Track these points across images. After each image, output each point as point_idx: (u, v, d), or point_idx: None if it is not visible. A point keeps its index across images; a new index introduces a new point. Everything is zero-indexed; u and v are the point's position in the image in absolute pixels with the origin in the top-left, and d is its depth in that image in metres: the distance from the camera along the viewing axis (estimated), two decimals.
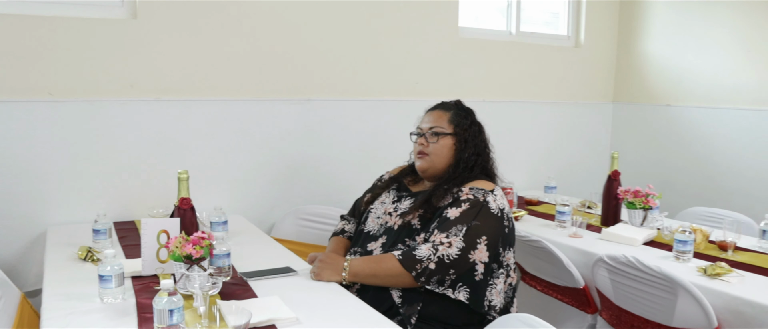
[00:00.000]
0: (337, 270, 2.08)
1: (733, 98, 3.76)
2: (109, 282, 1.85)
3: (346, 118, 3.42)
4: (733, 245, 2.51)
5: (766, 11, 3.60)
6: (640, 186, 2.87)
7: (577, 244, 2.67)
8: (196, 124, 3.05)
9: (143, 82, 2.91)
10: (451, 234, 2.06)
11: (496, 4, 4.04)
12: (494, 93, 3.91)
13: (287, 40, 3.21)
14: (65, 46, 2.75)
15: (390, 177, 2.51)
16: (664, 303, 2.17)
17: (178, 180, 2.07)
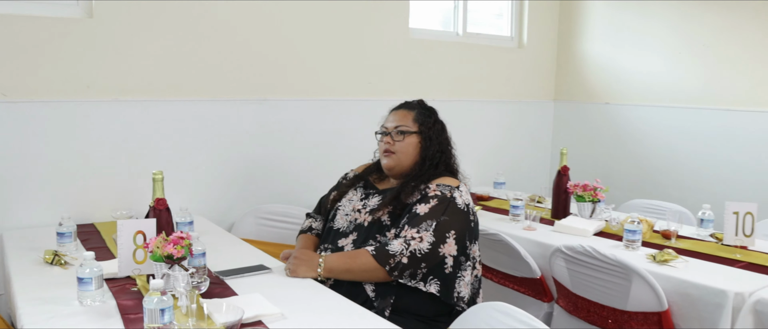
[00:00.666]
0: (313, 267, 2.13)
1: (668, 97, 4.02)
2: (89, 284, 1.84)
3: (302, 117, 3.46)
4: (675, 234, 2.70)
5: (698, 14, 3.86)
6: (580, 180, 3.04)
7: (532, 236, 2.81)
8: (154, 124, 3.02)
9: (100, 83, 2.87)
10: (421, 230, 2.14)
11: (444, 5, 4.16)
12: (443, 92, 4.02)
13: (243, 40, 3.22)
14: (18, 45, 2.68)
15: (355, 175, 2.57)
16: (619, 289, 2.32)
17: (153, 181, 2.07)
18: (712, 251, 2.54)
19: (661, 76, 4.05)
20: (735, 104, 3.70)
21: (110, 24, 2.87)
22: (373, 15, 3.65)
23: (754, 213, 2.54)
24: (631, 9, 4.20)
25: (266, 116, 3.32)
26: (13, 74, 2.68)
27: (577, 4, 4.49)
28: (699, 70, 3.87)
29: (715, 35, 3.78)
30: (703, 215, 2.80)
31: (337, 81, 3.57)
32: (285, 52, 3.36)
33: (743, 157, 3.68)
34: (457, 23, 4.15)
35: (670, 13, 3.99)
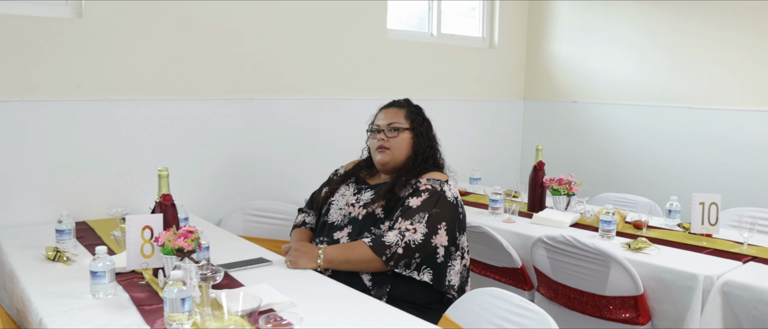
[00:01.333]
0: (313, 258, 2.22)
1: (633, 95, 4.23)
2: (103, 277, 1.90)
3: (285, 115, 3.54)
4: (646, 224, 2.88)
5: (660, 18, 4.07)
6: (548, 176, 3.21)
7: (511, 228, 2.95)
8: (143, 123, 3.07)
9: (91, 82, 2.90)
10: (415, 221, 2.26)
11: (418, 6, 4.28)
12: (419, 91, 4.15)
13: (229, 41, 3.29)
14: (10, 45, 2.70)
15: (346, 171, 2.67)
16: (598, 276, 2.48)
17: (159, 178, 2.14)
18: (681, 239, 2.73)
19: (626, 76, 4.27)
20: (695, 102, 3.93)
21: (99, 24, 2.90)
22: (352, 16, 3.76)
23: (718, 203, 2.73)
24: (597, 11, 4.41)
25: (251, 114, 3.40)
26: (5, 74, 2.70)
27: (546, 5, 4.68)
28: (661, 70, 4.09)
29: (676, 38, 4.01)
30: (670, 206, 2.99)
31: (318, 80, 3.67)
32: (270, 52, 3.44)
33: (703, 152, 3.91)
34: (432, 24, 4.28)
35: (635, 16, 4.20)
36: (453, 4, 4.45)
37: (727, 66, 3.82)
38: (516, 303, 1.93)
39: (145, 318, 1.74)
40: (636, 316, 2.42)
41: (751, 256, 2.48)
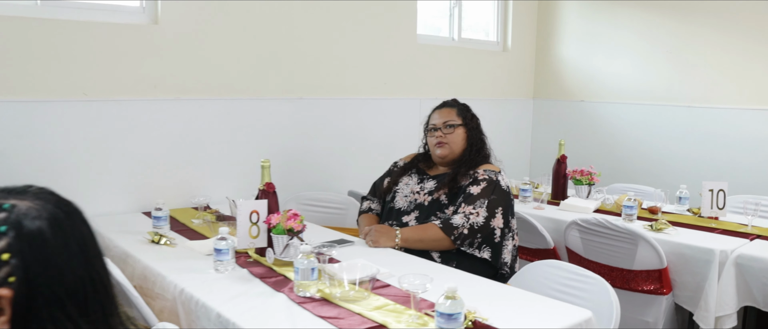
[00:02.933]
0: (392, 237, 2.56)
1: (636, 95, 4.65)
2: (227, 254, 2.21)
3: (331, 114, 3.88)
4: (659, 209, 3.28)
5: (662, 24, 4.49)
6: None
7: (542, 214, 3.33)
8: (209, 120, 3.37)
9: (165, 83, 3.20)
10: (477, 206, 2.62)
11: (441, 13, 4.64)
12: (443, 91, 4.50)
13: (283, 45, 3.61)
14: (97, 49, 2.99)
15: (405, 164, 3.01)
16: (626, 252, 2.86)
17: (261, 168, 2.46)
18: (693, 222, 3.13)
19: (630, 77, 4.69)
20: (694, 101, 4.36)
21: (172, 30, 3.20)
22: (387, 23, 4.10)
23: (725, 190, 3.14)
24: (603, 17, 4.82)
25: (301, 113, 3.72)
26: (92, 76, 2.99)
27: (554, 11, 5.08)
28: (663, 72, 4.52)
29: (676, 42, 4.43)
30: (680, 193, 3.40)
31: (358, 82, 4.00)
32: (317, 55, 3.77)
33: (701, 147, 4.34)
34: (453, 29, 4.64)
35: (638, 22, 4.62)
36: (471, 11, 4.81)
37: (724, 68, 4.25)
38: (574, 271, 2.30)
39: (273, 287, 2.06)
40: (660, 287, 2.81)
41: (756, 235, 2.89)
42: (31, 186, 1.01)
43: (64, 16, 2.94)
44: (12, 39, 2.80)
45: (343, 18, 3.86)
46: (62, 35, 2.90)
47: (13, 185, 1.01)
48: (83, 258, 0.96)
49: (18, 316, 0.90)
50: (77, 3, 3.00)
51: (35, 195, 0.98)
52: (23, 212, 0.93)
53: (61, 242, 0.94)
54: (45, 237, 0.92)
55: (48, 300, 0.91)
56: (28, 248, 0.91)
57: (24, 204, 0.94)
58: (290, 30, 3.63)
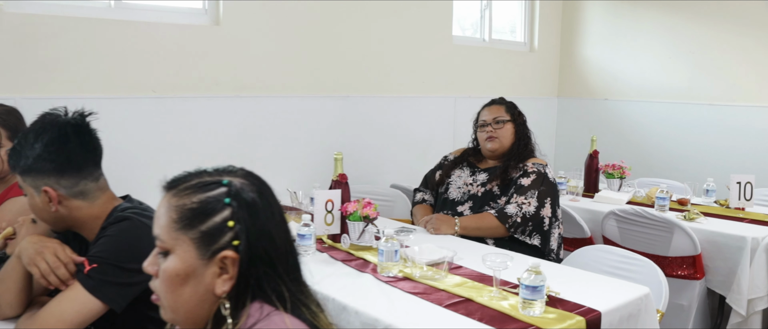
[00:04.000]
0: (451, 225, 2.77)
1: (660, 93, 4.87)
2: (309, 239, 2.41)
3: (374, 111, 4.10)
4: (688, 201, 3.49)
5: (683, 25, 4.71)
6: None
7: (578, 206, 3.54)
8: (264, 116, 3.57)
9: (225, 81, 3.40)
10: (528, 196, 2.83)
11: (472, 15, 4.86)
12: (475, 89, 4.72)
13: (331, 46, 3.81)
14: (163, 49, 3.18)
15: (455, 158, 3.22)
16: (662, 240, 3.07)
17: (335, 161, 2.67)
18: (721, 212, 3.35)
19: (653, 76, 4.91)
20: (714, 100, 4.59)
21: (232, 31, 3.40)
22: (425, 24, 4.32)
23: (752, 182, 3.36)
24: (626, 17, 5.04)
25: (347, 110, 3.93)
26: (160, 74, 3.19)
27: (579, 12, 5.30)
28: (684, 71, 4.74)
29: (698, 42, 4.65)
30: (707, 186, 3.62)
31: (398, 80, 4.22)
32: (362, 56, 3.97)
33: (721, 143, 4.57)
34: (484, 31, 4.85)
35: (660, 22, 4.84)
36: (500, 13, 5.03)
37: (744, 66, 4.46)
38: (623, 254, 2.52)
39: (356, 269, 2.25)
40: (693, 272, 3.03)
41: None
42: (233, 167, 1.21)
43: (134, 18, 3.13)
44: (88, 39, 2.99)
45: (386, 20, 4.07)
46: (133, 35, 3.10)
47: (219, 166, 1.21)
48: (284, 226, 1.16)
49: (240, 275, 1.09)
50: (146, 5, 3.20)
51: (241, 174, 1.18)
52: (239, 187, 1.13)
53: (269, 211, 1.14)
54: (258, 207, 1.12)
55: (263, 261, 1.11)
56: (247, 216, 1.10)
57: (237, 181, 1.14)
58: (337, 32, 3.83)
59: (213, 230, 1.09)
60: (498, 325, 1.76)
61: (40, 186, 1.60)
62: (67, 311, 1.53)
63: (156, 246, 1.14)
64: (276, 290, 1.11)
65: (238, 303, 1.10)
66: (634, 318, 2.02)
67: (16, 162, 1.60)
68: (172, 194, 1.15)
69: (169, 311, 1.13)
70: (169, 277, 1.10)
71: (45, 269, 1.60)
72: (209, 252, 1.09)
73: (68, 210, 1.63)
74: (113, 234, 1.60)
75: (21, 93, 2.81)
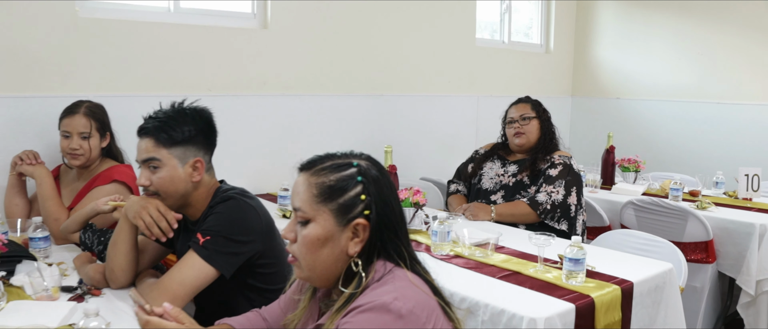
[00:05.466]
0: (488, 212, 3.05)
1: (670, 92, 5.15)
2: None
3: (405, 109, 4.38)
4: (699, 192, 3.77)
5: (695, 23, 4.99)
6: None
7: (597, 196, 3.81)
8: (307, 113, 3.85)
9: (272, 81, 3.67)
10: (556, 186, 3.10)
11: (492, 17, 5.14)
12: (495, 89, 5.00)
13: (366, 48, 4.09)
14: (217, 50, 3.46)
15: (485, 151, 3.49)
16: (677, 227, 3.35)
17: (385, 153, 2.96)
18: (730, 202, 3.63)
19: (663, 76, 5.19)
20: (721, 99, 4.87)
21: (280, 34, 3.67)
22: (451, 28, 4.60)
23: (759, 174, 3.65)
24: (638, 20, 5.33)
25: (381, 108, 4.21)
26: (215, 74, 3.46)
27: (592, 15, 5.59)
28: (693, 71, 5.02)
29: (706, 45, 4.94)
30: (717, 179, 3.90)
31: (426, 80, 4.50)
32: (393, 56, 4.26)
33: (728, 139, 4.85)
34: (504, 33, 5.13)
35: (671, 24, 5.13)
36: (518, 16, 5.31)
37: (750, 67, 4.74)
38: (645, 237, 2.80)
39: None
40: (706, 256, 3.30)
41: None
42: (355, 152, 1.47)
43: (191, 21, 3.40)
44: (150, 41, 3.26)
45: (416, 24, 4.35)
46: (189, 38, 3.37)
47: (343, 151, 1.47)
48: (398, 199, 1.43)
49: (369, 238, 1.35)
50: (201, 9, 3.47)
51: (363, 157, 1.44)
52: (366, 167, 1.39)
53: (388, 187, 1.40)
54: (381, 183, 1.38)
55: (387, 227, 1.37)
56: (375, 191, 1.36)
57: (363, 162, 1.40)
58: (372, 35, 4.12)
59: (348, 202, 1.34)
60: (547, 292, 2.04)
61: (189, 158, 1.90)
62: (187, 276, 1.80)
63: (295, 216, 1.39)
64: (397, 250, 1.37)
65: (367, 261, 1.35)
66: (660, 290, 2.29)
67: (167, 135, 1.88)
68: (309, 173, 1.39)
69: (306, 269, 1.37)
70: (310, 241, 1.34)
71: (149, 221, 1.89)
72: (345, 220, 1.34)
73: (197, 185, 1.92)
74: (222, 211, 1.87)
75: (93, 91, 3.07)
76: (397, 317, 1.21)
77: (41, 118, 2.95)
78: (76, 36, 3.04)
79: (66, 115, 2.69)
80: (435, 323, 1.28)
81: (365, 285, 1.32)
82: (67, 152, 2.65)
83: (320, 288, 1.46)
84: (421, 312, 1.25)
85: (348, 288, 1.34)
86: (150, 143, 1.88)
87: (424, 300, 1.29)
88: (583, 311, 1.97)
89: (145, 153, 1.89)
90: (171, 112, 1.93)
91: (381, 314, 1.22)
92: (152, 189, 1.90)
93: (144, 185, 1.91)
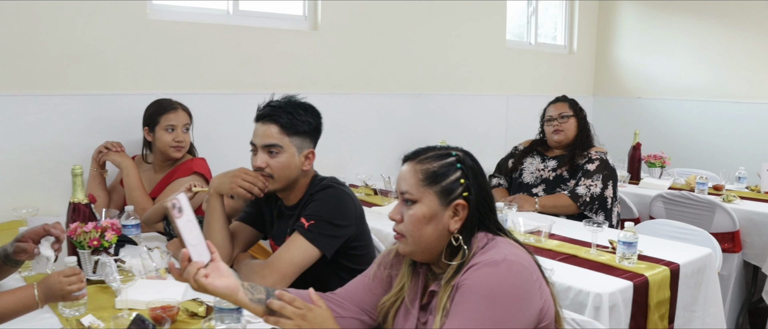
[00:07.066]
0: (532, 204, 3.27)
1: (690, 92, 5.38)
2: None
3: (440, 107, 4.61)
4: (723, 187, 3.99)
5: (715, 24, 5.22)
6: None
7: (625, 190, 4.03)
8: (353, 111, 4.07)
9: (322, 80, 3.89)
10: (594, 179, 3.32)
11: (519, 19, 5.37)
12: (523, 89, 5.24)
13: (407, 49, 4.32)
14: (272, 50, 3.68)
15: (524, 147, 3.71)
16: (705, 219, 3.56)
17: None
18: (753, 196, 3.85)
19: (683, 76, 5.42)
20: (740, 98, 5.10)
21: (328, 35, 3.90)
22: (483, 30, 4.83)
23: None
24: (658, 21, 5.56)
25: (420, 106, 4.44)
26: (270, 73, 3.68)
27: (613, 16, 5.82)
28: (713, 71, 5.26)
29: (724, 46, 5.17)
30: (739, 174, 4.13)
31: (461, 80, 4.73)
32: (431, 57, 4.48)
33: (746, 137, 5.07)
34: (530, 34, 5.36)
35: (691, 26, 5.36)
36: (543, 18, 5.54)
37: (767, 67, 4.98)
38: (680, 226, 3.02)
39: None
40: (732, 246, 3.52)
41: None
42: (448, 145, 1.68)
43: (248, 23, 3.62)
44: (211, 41, 3.48)
45: (451, 26, 4.58)
46: (247, 39, 3.59)
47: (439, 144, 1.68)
48: (488, 182, 1.65)
49: (468, 216, 1.57)
50: (257, 12, 3.69)
51: (458, 148, 1.65)
52: (463, 156, 1.61)
53: (481, 173, 1.62)
54: (476, 169, 1.60)
55: (482, 205, 1.58)
56: (472, 175, 1.58)
57: (460, 152, 1.62)
58: (412, 36, 4.34)
59: (450, 186, 1.56)
60: (605, 272, 2.26)
61: (305, 148, 2.12)
62: (295, 256, 2.01)
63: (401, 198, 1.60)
64: (495, 224, 1.59)
65: (468, 236, 1.57)
66: (701, 272, 2.52)
67: (292, 125, 2.08)
68: (414, 162, 1.60)
69: (412, 244, 1.58)
70: (417, 219, 1.55)
71: (247, 185, 2.08)
72: (447, 201, 1.55)
73: (306, 173, 2.14)
74: (324, 198, 2.09)
75: (162, 89, 3.29)
76: (511, 269, 1.43)
77: (116, 115, 3.18)
78: (147, 37, 3.26)
79: (167, 111, 2.89)
80: (538, 279, 1.49)
81: (471, 255, 1.53)
82: (172, 145, 2.87)
83: (421, 262, 1.65)
84: (529, 265, 1.48)
85: (455, 260, 1.55)
86: (275, 129, 2.07)
87: (529, 258, 1.52)
88: (640, 288, 2.20)
89: (269, 138, 2.07)
90: (295, 104, 2.13)
91: (496, 267, 1.43)
92: (267, 172, 2.08)
93: (260, 167, 2.08)
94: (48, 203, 2.97)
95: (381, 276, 1.71)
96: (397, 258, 1.70)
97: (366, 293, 1.71)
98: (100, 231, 2.06)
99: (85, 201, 2.15)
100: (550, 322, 1.53)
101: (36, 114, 2.97)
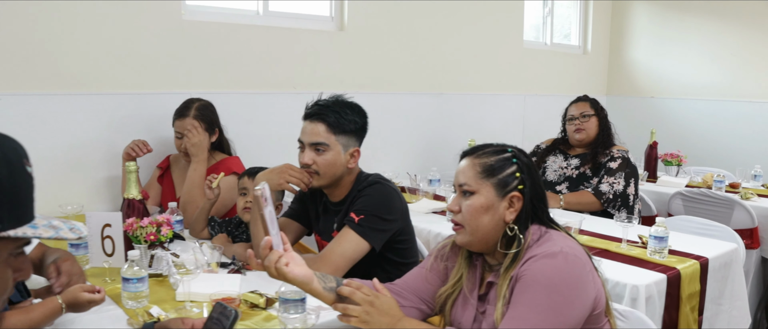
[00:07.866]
0: (557, 201, 3.35)
1: (703, 91, 5.47)
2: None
3: (461, 107, 4.69)
4: (739, 184, 4.08)
5: (728, 25, 5.30)
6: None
7: (644, 188, 4.11)
8: (379, 110, 4.10)
9: (348, 79, 3.97)
10: (617, 177, 3.41)
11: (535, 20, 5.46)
12: (540, 89, 5.32)
13: (428, 50, 4.40)
14: (300, 50, 3.76)
15: (547, 146, 3.80)
16: (724, 215, 3.65)
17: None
18: None
19: (696, 76, 5.51)
20: (753, 97, 5.19)
21: (354, 36, 3.98)
22: (501, 31, 4.91)
23: None
24: (672, 22, 5.64)
25: (441, 105, 4.52)
26: (297, 72, 3.76)
27: (626, 16, 5.91)
28: (727, 71, 5.34)
29: (738, 46, 5.25)
30: (755, 172, 4.21)
31: (480, 80, 4.81)
32: (452, 57, 4.56)
33: (760, 136, 5.16)
34: (546, 35, 5.45)
35: (704, 26, 5.44)
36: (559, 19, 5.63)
37: None
38: (703, 222, 3.10)
39: None
40: (751, 243, 3.60)
41: None
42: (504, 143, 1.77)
43: (277, 24, 3.71)
44: (242, 41, 3.56)
45: (470, 27, 4.66)
46: (276, 39, 3.67)
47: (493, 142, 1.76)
48: (541, 177, 1.73)
49: (523, 208, 1.65)
50: (286, 12, 3.77)
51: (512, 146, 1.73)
52: (517, 152, 1.69)
53: (535, 168, 1.70)
54: (530, 165, 1.69)
55: (536, 198, 1.66)
56: (526, 170, 1.67)
57: (515, 148, 1.70)
58: (433, 37, 4.43)
59: (506, 179, 1.64)
60: (638, 265, 2.35)
61: (351, 147, 2.20)
62: (347, 249, 2.09)
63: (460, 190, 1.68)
64: (548, 217, 1.68)
65: (522, 227, 1.65)
66: (728, 266, 2.61)
67: (340, 124, 2.16)
68: (473, 157, 1.69)
69: (469, 234, 1.66)
70: (475, 210, 1.64)
71: (296, 180, 2.17)
72: (503, 192, 1.64)
73: (351, 171, 2.21)
74: (371, 193, 2.17)
75: (196, 88, 3.37)
76: (567, 260, 1.52)
77: (152, 113, 3.26)
78: (181, 37, 3.34)
79: (176, 118, 2.97)
80: (591, 269, 1.58)
81: (527, 245, 1.61)
82: (181, 150, 2.97)
83: (478, 252, 1.74)
84: (583, 257, 1.57)
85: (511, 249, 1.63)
86: (322, 128, 2.15)
87: (582, 250, 1.61)
88: (673, 280, 2.29)
89: (316, 136, 2.15)
90: (342, 104, 2.21)
91: (554, 259, 1.52)
92: (314, 169, 2.16)
93: (306, 164, 2.17)
94: (91, 200, 3.05)
95: (438, 268, 1.80)
96: (453, 250, 1.79)
97: (424, 284, 1.79)
98: (156, 227, 2.14)
99: (139, 197, 2.23)
100: (602, 310, 1.62)
101: (74, 113, 3.05)
